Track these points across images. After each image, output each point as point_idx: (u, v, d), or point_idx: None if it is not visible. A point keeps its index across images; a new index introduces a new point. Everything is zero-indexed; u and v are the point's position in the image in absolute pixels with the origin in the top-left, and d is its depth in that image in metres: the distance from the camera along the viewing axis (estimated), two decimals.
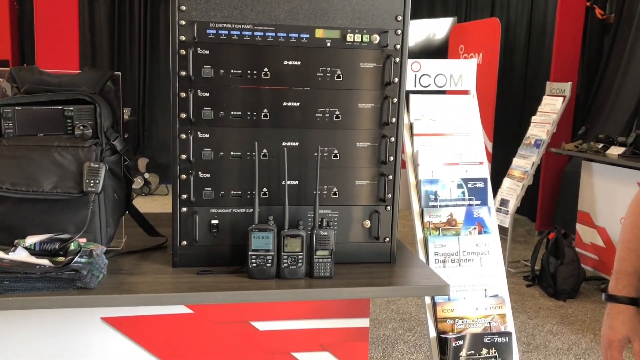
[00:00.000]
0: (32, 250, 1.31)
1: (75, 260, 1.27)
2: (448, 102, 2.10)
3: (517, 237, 5.69)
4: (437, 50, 6.81)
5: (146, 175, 7.18)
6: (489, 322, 1.94)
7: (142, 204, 6.65)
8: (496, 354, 1.90)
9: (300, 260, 1.39)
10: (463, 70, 2.12)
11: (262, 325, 1.56)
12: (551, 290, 4.20)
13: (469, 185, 2.00)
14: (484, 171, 2.04)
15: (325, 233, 1.40)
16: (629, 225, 1.31)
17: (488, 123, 5.19)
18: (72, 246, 1.31)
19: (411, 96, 2.07)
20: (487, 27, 5.46)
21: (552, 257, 4.24)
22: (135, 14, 7.63)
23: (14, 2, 7.03)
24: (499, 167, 5.59)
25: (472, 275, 1.98)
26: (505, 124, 6.12)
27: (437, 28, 6.97)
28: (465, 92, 2.18)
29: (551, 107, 4.86)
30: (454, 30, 6.30)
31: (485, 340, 1.90)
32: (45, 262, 1.27)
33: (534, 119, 4.94)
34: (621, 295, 1.27)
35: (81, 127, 1.42)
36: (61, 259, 1.29)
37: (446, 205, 1.98)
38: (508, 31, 6.64)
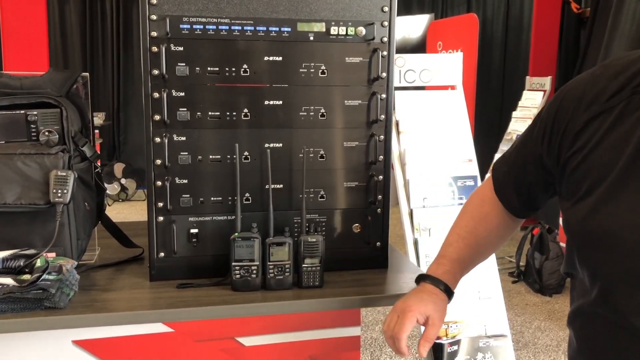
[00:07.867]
0: None
1: (42, 277, 1.16)
2: (434, 98, 2.03)
3: None
4: (415, 48, 6.76)
5: (123, 180, 7.02)
6: (484, 325, 1.87)
7: (120, 210, 6.54)
8: (492, 358, 1.83)
9: (287, 270, 1.30)
10: (449, 65, 2.05)
11: (247, 341, 1.46)
12: (537, 286, 4.17)
13: (459, 184, 1.93)
14: (474, 169, 1.98)
15: (314, 239, 1.32)
16: (466, 215, 1.23)
17: (468, 119, 5.15)
18: (39, 262, 1.20)
19: (396, 93, 2.00)
20: (465, 23, 5.42)
21: (536, 252, 4.21)
22: (108, 13, 7.44)
23: None
24: (480, 163, 5.50)
25: (465, 277, 1.90)
26: (486, 120, 6.10)
27: (414, 25, 6.91)
28: (446, 88, 2.11)
29: (532, 101, 4.84)
30: (432, 27, 6.24)
31: (481, 344, 1.83)
32: (8, 281, 1.16)
33: (514, 114, 4.91)
34: (440, 280, 1.17)
35: (46, 133, 1.31)
36: (27, 277, 1.18)
37: (436, 205, 1.91)
38: (485, 27, 6.63)
